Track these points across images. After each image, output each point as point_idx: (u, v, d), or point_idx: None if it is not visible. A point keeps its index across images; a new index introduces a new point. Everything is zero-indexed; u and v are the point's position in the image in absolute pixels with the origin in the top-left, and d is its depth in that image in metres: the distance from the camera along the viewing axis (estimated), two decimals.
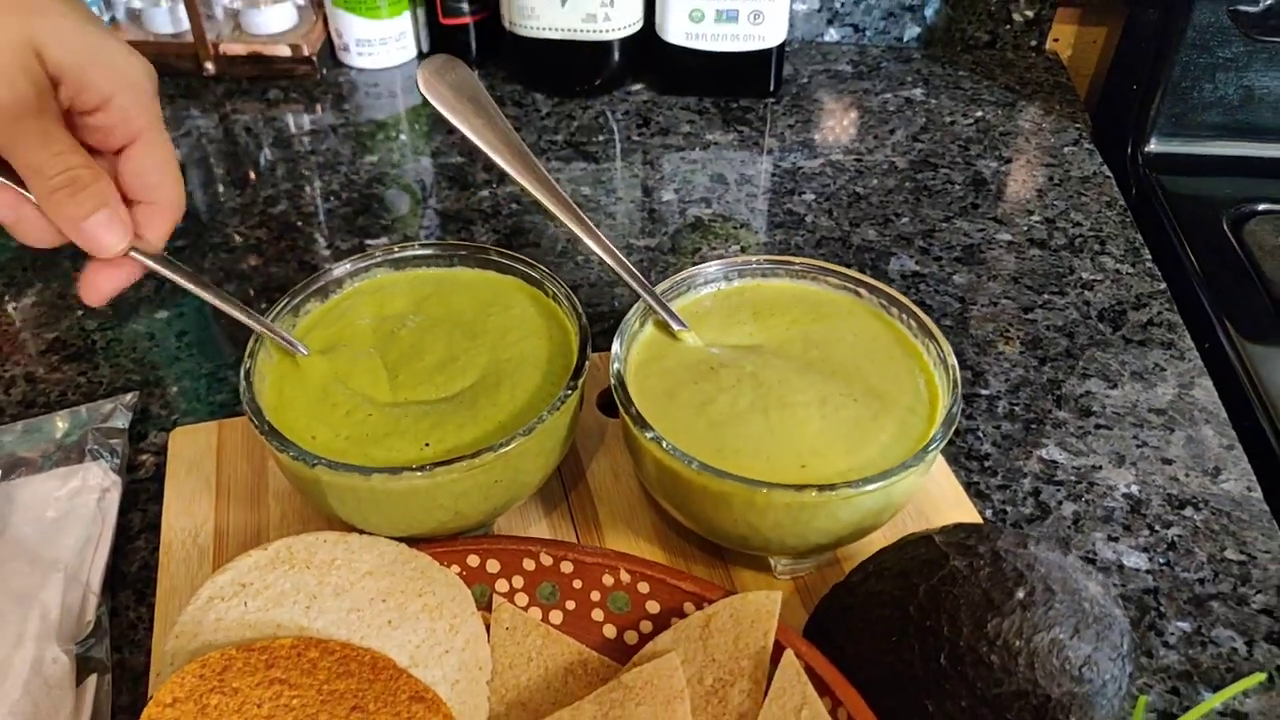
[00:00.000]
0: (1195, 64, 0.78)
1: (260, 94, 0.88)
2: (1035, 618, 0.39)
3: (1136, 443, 0.59)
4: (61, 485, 0.53)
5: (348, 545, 0.46)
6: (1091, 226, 0.75)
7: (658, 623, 0.46)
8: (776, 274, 0.54)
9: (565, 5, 0.81)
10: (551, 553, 0.47)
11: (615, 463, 0.56)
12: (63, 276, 0.70)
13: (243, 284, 0.70)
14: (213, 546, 0.52)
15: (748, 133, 0.85)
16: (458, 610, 0.45)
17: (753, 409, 0.47)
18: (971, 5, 0.93)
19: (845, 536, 0.46)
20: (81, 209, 0.42)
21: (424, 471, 0.43)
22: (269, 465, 0.56)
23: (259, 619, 0.43)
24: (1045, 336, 0.66)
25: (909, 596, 0.41)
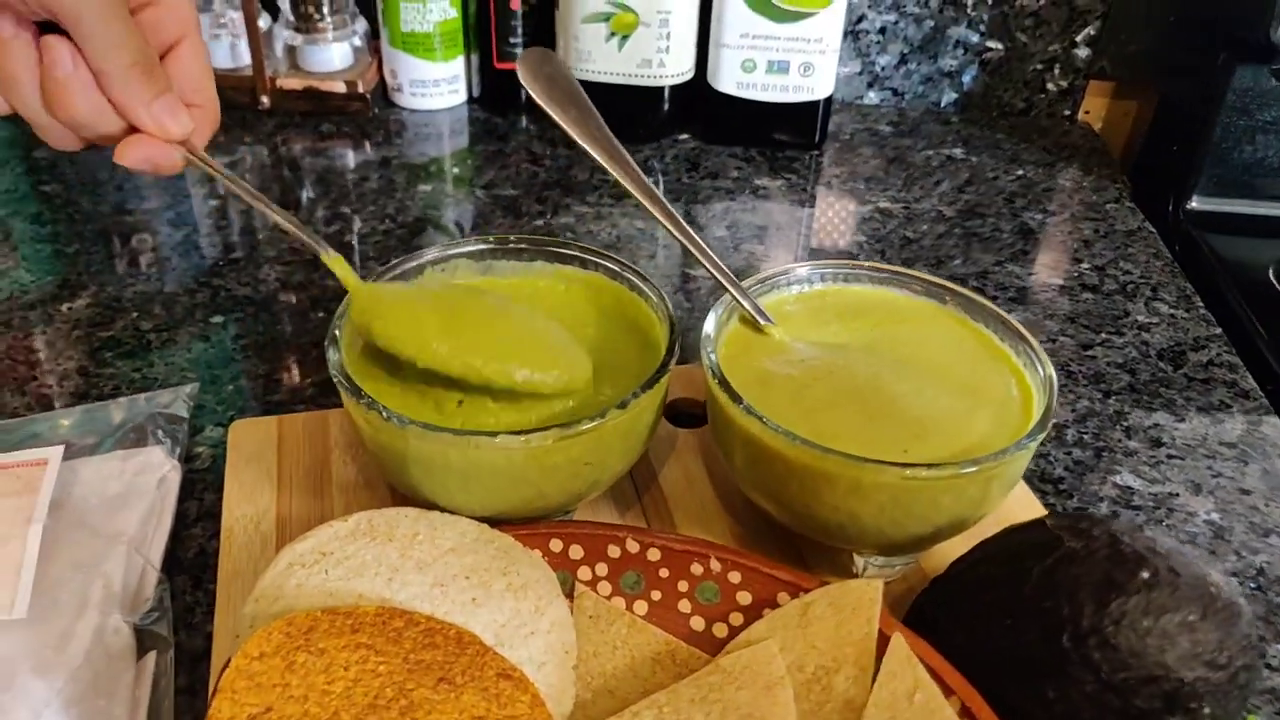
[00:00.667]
0: (1236, 126, 0.80)
1: (313, 128, 0.89)
2: (1161, 598, 0.38)
3: (1211, 473, 0.59)
4: (123, 464, 0.51)
5: (429, 521, 0.44)
6: (1141, 275, 0.76)
7: (749, 615, 0.44)
8: (859, 279, 0.54)
9: (622, 50, 0.83)
10: (638, 539, 0.45)
11: (688, 470, 0.55)
12: (117, 281, 0.69)
13: (298, 293, 0.69)
14: (275, 534, 0.50)
15: (795, 180, 0.86)
16: (543, 592, 0.44)
17: (849, 398, 0.46)
18: (1008, 74, 0.95)
19: (943, 528, 0.45)
20: (153, 88, 0.43)
21: (521, 437, 0.42)
22: (332, 457, 0.54)
23: (340, 588, 0.42)
24: (1107, 372, 0.66)
25: (1022, 578, 0.40)
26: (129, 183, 0.80)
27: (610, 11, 0.82)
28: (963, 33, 0.93)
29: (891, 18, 0.93)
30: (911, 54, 0.95)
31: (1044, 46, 0.93)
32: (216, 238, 0.75)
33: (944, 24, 0.93)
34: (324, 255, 0.48)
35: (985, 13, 0.92)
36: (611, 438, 0.45)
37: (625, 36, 0.83)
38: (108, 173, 0.81)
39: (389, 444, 0.44)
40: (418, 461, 0.44)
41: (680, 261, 0.75)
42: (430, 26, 0.87)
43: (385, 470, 0.46)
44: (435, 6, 0.87)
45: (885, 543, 0.45)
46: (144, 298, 0.68)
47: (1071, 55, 0.93)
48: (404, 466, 0.44)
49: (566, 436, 0.43)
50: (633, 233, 0.78)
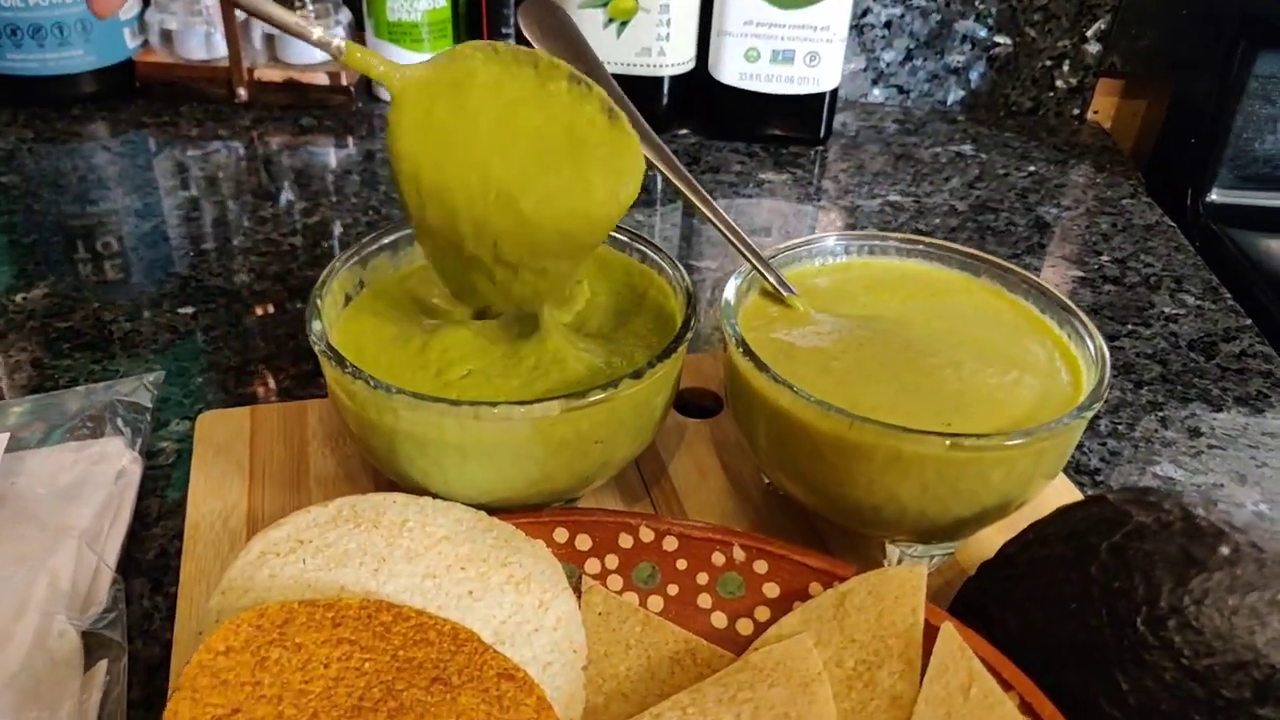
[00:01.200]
0: (1258, 115, 0.77)
1: (293, 122, 0.85)
2: (1248, 574, 0.34)
3: (1255, 463, 0.55)
4: (76, 455, 0.46)
5: (420, 507, 0.40)
6: (1164, 267, 0.72)
7: (776, 609, 0.40)
8: (887, 251, 0.50)
9: (621, 37, 0.80)
10: (653, 527, 0.41)
11: (700, 461, 0.51)
12: (77, 271, 0.65)
13: (274, 284, 0.65)
14: (245, 531, 0.45)
15: (800, 174, 0.82)
16: (548, 585, 0.39)
17: (882, 369, 0.42)
18: (1016, 70, 0.93)
19: (989, 509, 0.40)
20: None
21: (524, 407, 0.37)
22: (310, 449, 0.50)
23: (320, 579, 0.37)
24: (1137, 363, 0.62)
25: (1088, 557, 0.36)
26: (93, 175, 0.76)
27: None
28: (970, 27, 0.90)
29: (897, 11, 0.90)
30: (917, 49, 0.92)
31: (1053, 42, 0.90)
32: (186, 229, 0.70)
33: (951, 18, 0.90)
34: (342, 57, 0.39)
35: (993, 6, 0.89)
36: (624, 411, 0.40)
37: (624, 23, 0.79)
38: (70, 164, 0.77)
39: (376, 420, 0.39)
40: (409, 438, 0.39)
41: (681, 253, 0.71)
42: (418, 15, 0.84)
43: (372, 453, 0.42)
44: None
45: (926, 526, 0.41)
46: (107, 288, 0.63)
47: (1081, 51, 0.91)
48: (393, 445, 0.40)
49: (575, 408, 0.38)
50: (633, 224, 0.74)
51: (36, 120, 0.82)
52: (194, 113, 0.84)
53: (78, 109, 0.84)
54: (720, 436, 0.52)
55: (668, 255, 0.47)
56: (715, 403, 0.55)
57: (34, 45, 0.81)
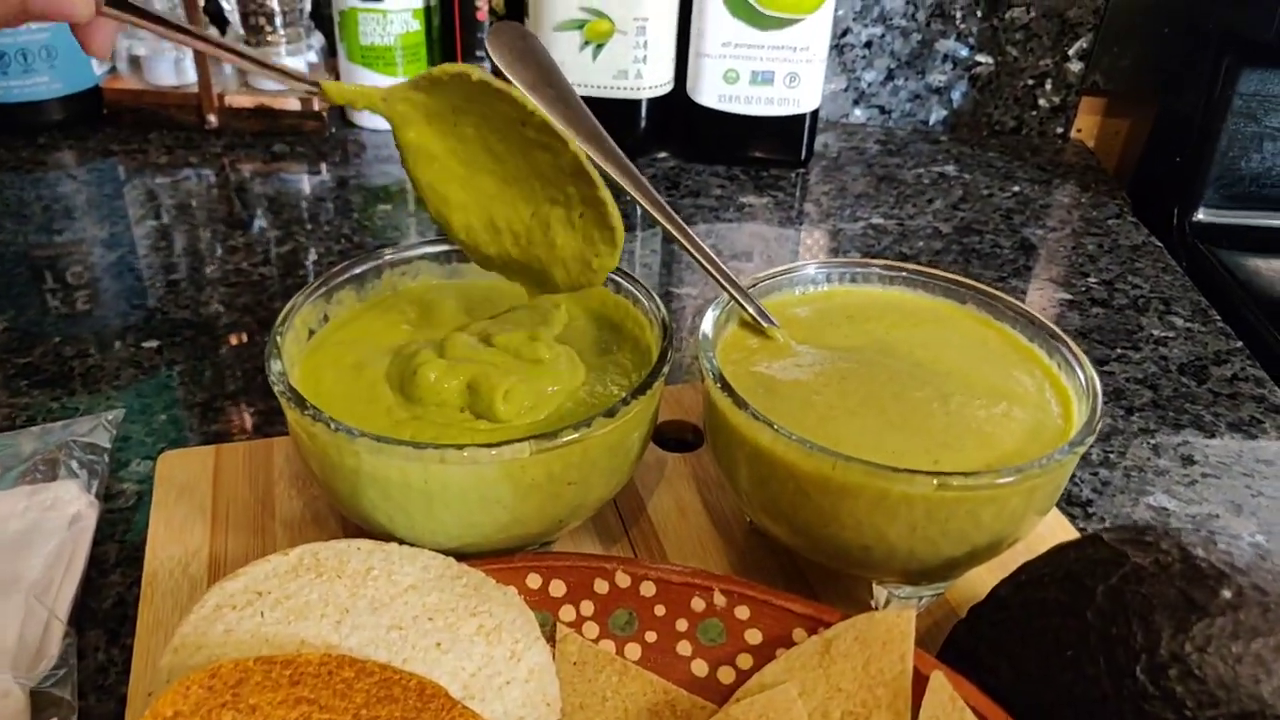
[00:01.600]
0: (1243, 133, 0.76)
1: (265, 149, 0.83)
2: (1251, 619, 0.32)
3: (1250, 492, 0.53)
4: (28, 500, 0.44)
5: (386, 554, 0.38)
6: (1152, 289, 0.71)
7: (759, 656, 0.38)
8: (869, 278, 0.48)
9: (597, 60, 0.78)
10: (630, 571, 0.39)
11: (680, 499, 0.49)
12: (39, 304, 0.63)
13: (243, 316, 0.63)
14: (206, 577, 0.43)
15: (782, 197, 0.81)
16: (520, 635, 0.37)
17: (866, 404, 0.41)
18: (998, 90, 0.92)
19: (979, 549, 0.39)
20: None
21: (493, 450, 0.36)
22: (276, 490, 0.48)
23: (278, 632, 0.35)
24: (1128, 388, 0.61)
25: (1083, 601, 0.34)
26: (58, 204, 0.74)
27: (584, 19, 0.77)
28: (951, 46, 0.89)
29: (878, 31, 0.89)
30: (899, 69, 0.91)
31: (1035, 61, 0.90)
32: (153, 259, 0.69)
33: (931, 38, 0.89)
34: (325, 87, 0.41)
35: (974, 26, 0.88)
36: (598, 451, 0.38)
37: (600, 45, 0.78)
38: (35, 193, 0.75)
39: (339, 463, 0.38)
40: (373, 482, 0.37)
41: (661, 279, 0.70)
42: (391, 39, 0.82)
43: (336, 497, 0.40)
44: (396, 18, 0.82)
45: (914, 568, 0.39)
46: (69, 322, 0.62)
47: (1063, 69, 0.90)
48: (356, 490, 0.38)
49: (546, 449, 0.37)
50: None
51: (1, 149, 0.81)
52: (163, 140, 0.82)
53: (44, 137, 0.83)
54: (701, 472, 0.50)
55: (644, 286, 0.46)
56: (696, 436, 0.53)
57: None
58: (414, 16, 0.83)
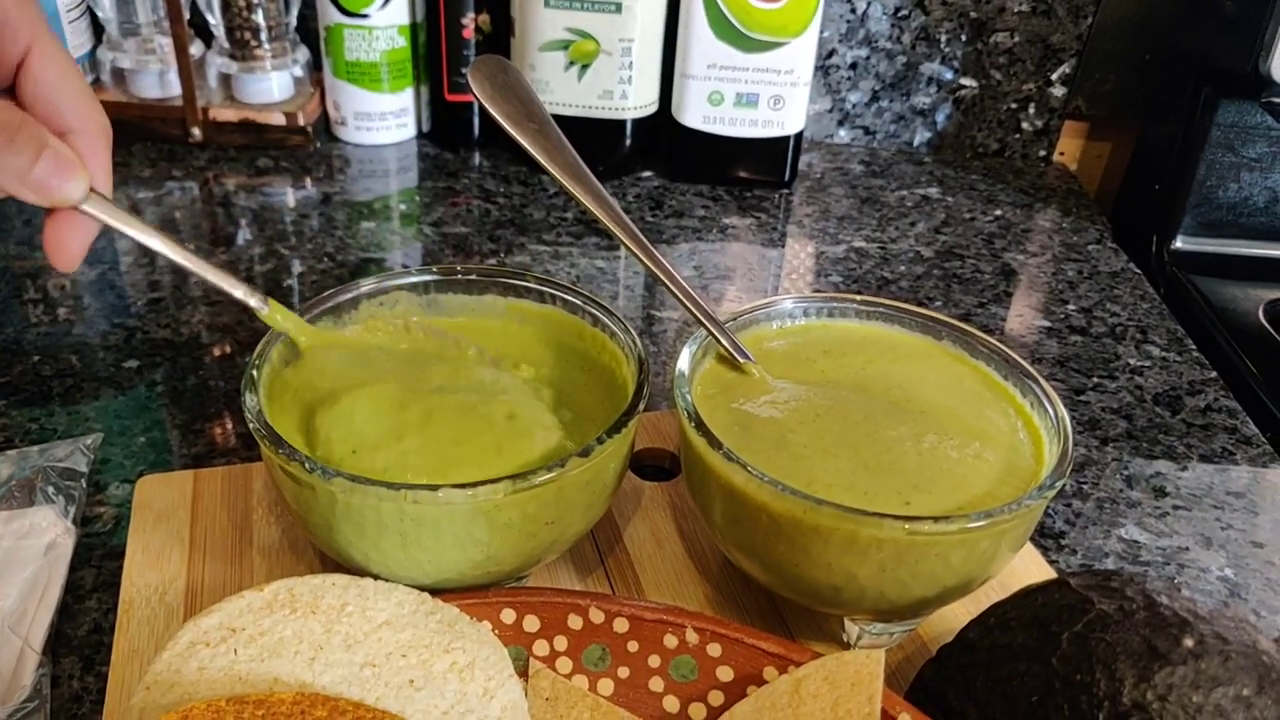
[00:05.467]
0: (1220, 163, 0.77)
1: (249, 163, 0.83)
2: (1212, 669, 0.33)
3: (1220, 525, 0.54)
4: (2, 528, 0.44)
5: (361, 590, 0.38)
6: (1130, 317, 0.72)
7: (730, 693, 0.38)
8: (846, 313, 0.49)
9: (582, 80, 0.79)
10: (603, 608, 0.40)
11: (656, 528, 0.49)
12: (17, 322, 0.63)
13: (224, 337, 0.63)
14: (183, 606, 0.43)
15: (765, 219, 0.81)
16: (493, 672, 0.37)
17: (840, 443, 0.41)
18: (981, 112, 0.92)
19: (950, 589, 0.39)
20: (22, 157, 0.35)
21: (467, 491, 0.36)
22: (254, 517, 0.48)
23: (252, 670, 0.35)
24: (1102, 418, 0.62)
25: (1049, 647, 0.35)
26: (37, 218, 0.73)
27: (569, 39, 0.78)
28: (936, 69, 0.90)
29: (863, 53, 0.89)
30: (883, 91, 0.91)
31: (1018, 85, 0.90)
32: (137, 274, 0.69)
33: (916, 60, 0.90)
34: (263, 314, 0.42)
35: (959, 49, 0.89)
36: (573, 490, 0.39)
37: (585, 66, 0.78)
38: (15, 205, 0.75)
39: (314, 501, 0.38)
40: (347, 520, 0.38)
41: (644, 302, 0.70)
42: (377, 56, 0.82)
43: (311, 532, 0.40)
44: (382, 35, 0.82)
45: (885, 607, 0.40)
46: (48, 340, 0.61)
47: (1046, 93, 0.90)
48: (332, 527, 0.38)
49: (521, 489, 0.37)
50: (593, 272, 0.73)
51: None
52: (147, 153, 0.82)
53: None
54: (678, 500, 0.51)
55: (620, 319, 0.46)
56: (674, 464, 0.53)
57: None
58: (400, 33, 0.83)
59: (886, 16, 0.88)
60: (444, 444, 0.40)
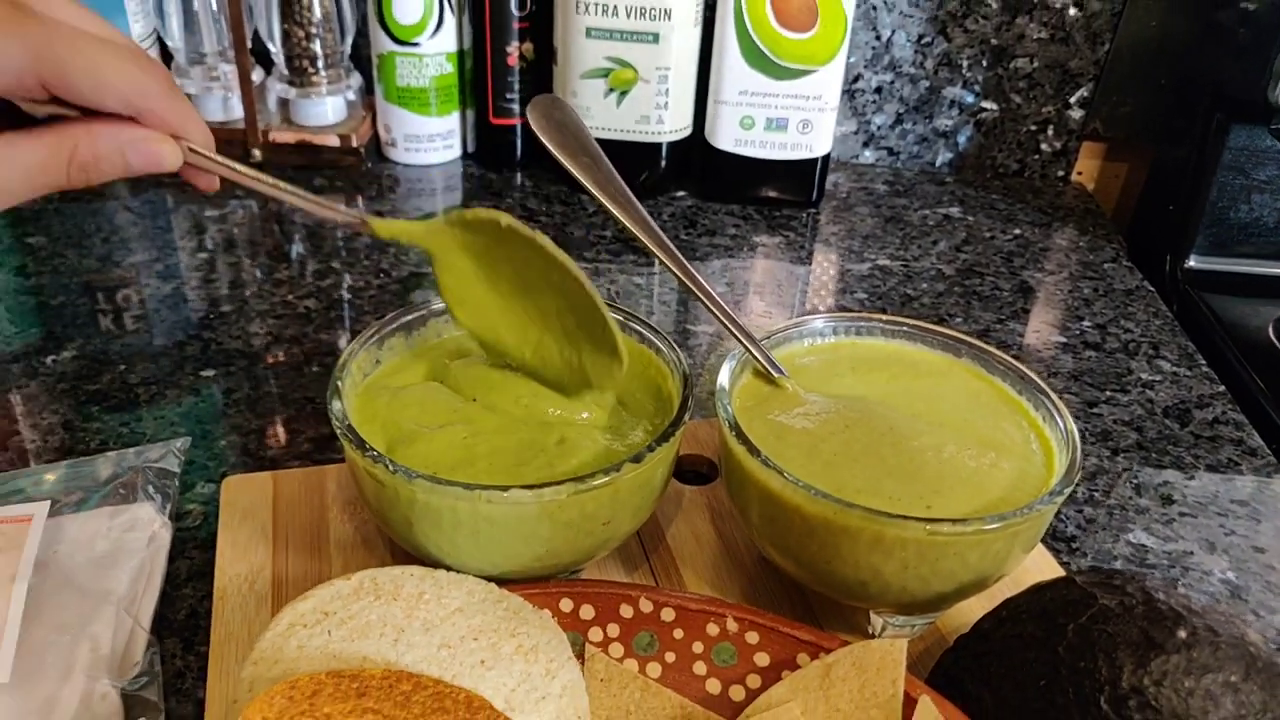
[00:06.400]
0: (1232, 185, 0.80)
1: (306, 182, 0.88)
2: (1203, 658, 0.37)
3: (1224, 531, 0.58)
4: (111, 521, 0.49)
5: (435, 580, 0.43)
6: (1143, 333, 0.76)
7: (767, 677, 0.42)
8: (873, 332, 0.53)
9: (621, 106, 0.83)
10: (652, 598, 0.44)
11: (696, 529, 0.54)
12: (103, 334, 0.68)
13: (291, 347, 0.68)
14: (270, 594, 0.48)
15: (793, 237, 0.86)
16: (554, 654, 0.42)
17: (867, 452, 0.45)
18: (1002, 134, 0.96)
19: (967, 585, 0.43)
20: (113, 155, 0.40)
21: (533, 491, 0.40)
22: (330, 515, 0.52)
23: (344, 649, 0.40)
24: (1114, 430, 0.65)
25: (1056, 637, 0.39)
26: (116, 235, 0.79)
27: (609, 68, 0.82)
28: (958, 93, 0.94)
29: (888, 77, 0.94)
30: (907, 114, 0.95)
31: (1037, 108, 0.94)
32: (205, 290, 0.74)
33: (939, 84, 0.94)
34: (373, 223, 0.46)
35: (980, 74, 0.93)
36: (626, 492, 0.43)
37: (624, 92, 0.83)
38: (94, 224, 0.80)
39: (395, 500, 0.42)
40: (425, 517, 0.42)
41: (678, 317, 0.74)
42: (426, 81, 0.87)
43: (389, 526, 0.45)
44: (431, 61, 0.87)
45: (907, 601, 0.44)
46: (131, 351, 0.66)
47: (1065, 116, 0.94)
48: (410, 524, 0.43)
49: (581, 491, 0.41)
50: (630, 288, 0.77)
51: None
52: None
53: None
54: (716, 504, 0.55)
55: (665, 337, 0.50)
56: (711, 469, 0.58)
57: None
58: (448, 60, 0.88)
59: (910, 43, 0.92)
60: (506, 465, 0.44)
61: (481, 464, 0.43)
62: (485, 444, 0.44)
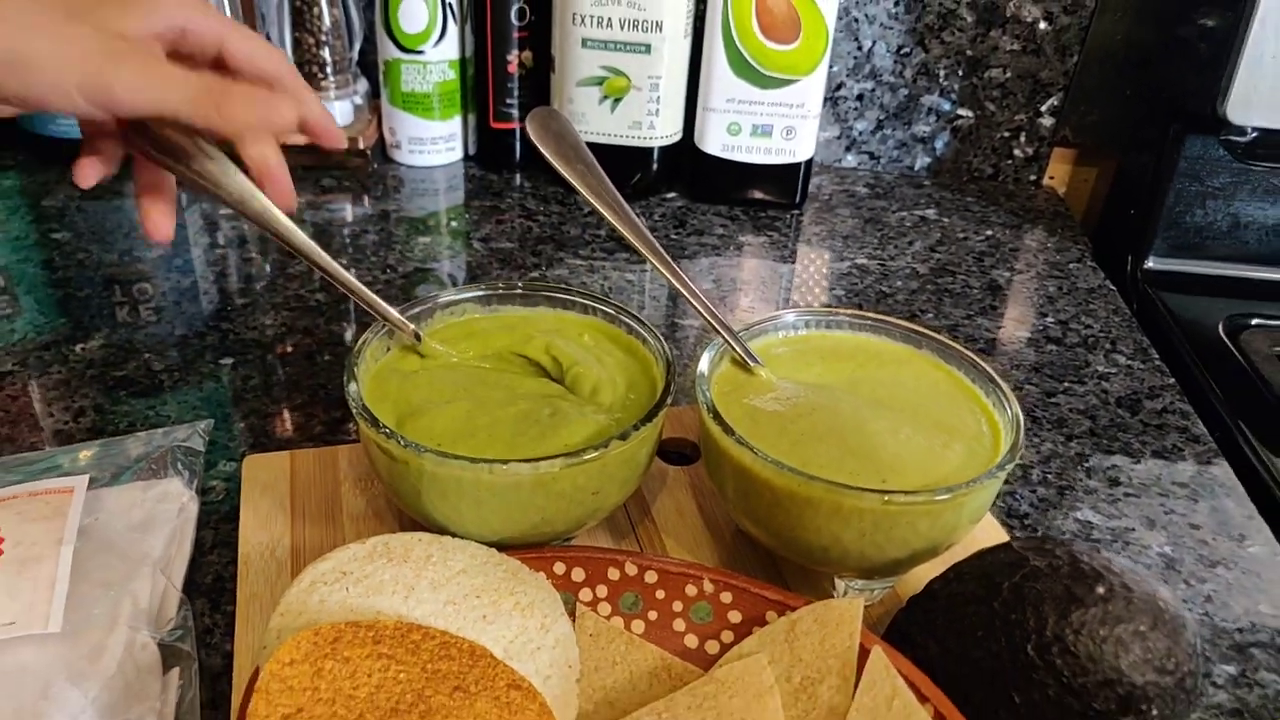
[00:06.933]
0: (1188, 192, 0.85)
1: (315, 182, 0.93)
2: (1117, 610, 0.41)
3: (1164, 510, 0.63)
4: (144, 494, 0.54)
5: (441, 545, 0.47)
6: (1101, 329, 0.81)
7: (739, 633, 0.47)
8: (841, 325, 0.58)
9: (615, 112, 0.88)
10: (637, 562, 0.49)
11: (679, 503, 0.58)
12: (128, 324, 0.72)
13: (303, 337, 0.72)
14: (289, 560, 0.53)
15: (777, 237, 0.90)
16: (548, 611, 0.47)
17: (831, 433, 0.50)
18: (977, 140, 1.01)
19: (919, 552, 0.48)
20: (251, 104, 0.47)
21: (530, 464, 0.45)
22: (343, 490, 0.57)
23: (360, 604, 0.44)
24: (1069, 418, 0.70)
25: (993, 594, 0.43)
26: (135, 231, 0.84)
27: (604, 76, 0.87)
28: (935, 101, 0.99)
29: (869, 85, 0.99)
30: (887, 120, 1.00)
31: (1010, 115, 0.99)
32: (221, 285, 0.78)
33: (918, 93, 0.99)
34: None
35: (956, 83, 0.98)
36: (614, 466, 0.48)
37: (617, 99, 0.88)
38: (114, 221, 0.85)
39: (405, 472, 0.47)
40: (433, 488, 0.47)
41: (668, 311, 0.79)
42: (430, 87, 0.92)
43: (400, 497, 0.49)
44: (435, 68, 0.91)
45: (865, 566, 0.49)
46: (154, 340, 0.71)
47: (1036, 124, 0.99)
48: (419, 494, 0.48)
49: (572, 464, 0.46)
50: (623, 284, 0.82)
51: None
52: None
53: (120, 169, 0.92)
54: (696, 482, 0.60)
55: (651, 329, 0.55)
56: (694, 451, 0.62)
57: None
58: (450, 67, 0.92)
59: (891, 54, 0.97)
60: (505, 436, 0.49)
61: (482, 435, 0.48)
62: (486, 416, 0.49)
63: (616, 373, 0.54)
